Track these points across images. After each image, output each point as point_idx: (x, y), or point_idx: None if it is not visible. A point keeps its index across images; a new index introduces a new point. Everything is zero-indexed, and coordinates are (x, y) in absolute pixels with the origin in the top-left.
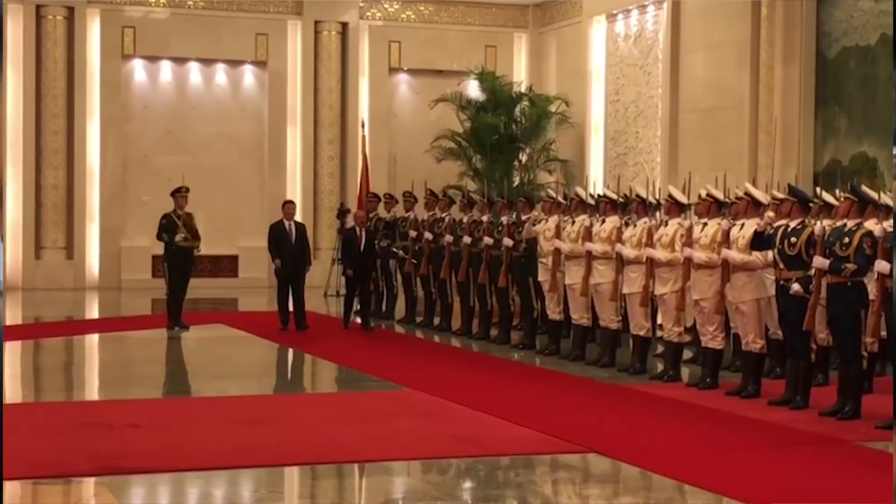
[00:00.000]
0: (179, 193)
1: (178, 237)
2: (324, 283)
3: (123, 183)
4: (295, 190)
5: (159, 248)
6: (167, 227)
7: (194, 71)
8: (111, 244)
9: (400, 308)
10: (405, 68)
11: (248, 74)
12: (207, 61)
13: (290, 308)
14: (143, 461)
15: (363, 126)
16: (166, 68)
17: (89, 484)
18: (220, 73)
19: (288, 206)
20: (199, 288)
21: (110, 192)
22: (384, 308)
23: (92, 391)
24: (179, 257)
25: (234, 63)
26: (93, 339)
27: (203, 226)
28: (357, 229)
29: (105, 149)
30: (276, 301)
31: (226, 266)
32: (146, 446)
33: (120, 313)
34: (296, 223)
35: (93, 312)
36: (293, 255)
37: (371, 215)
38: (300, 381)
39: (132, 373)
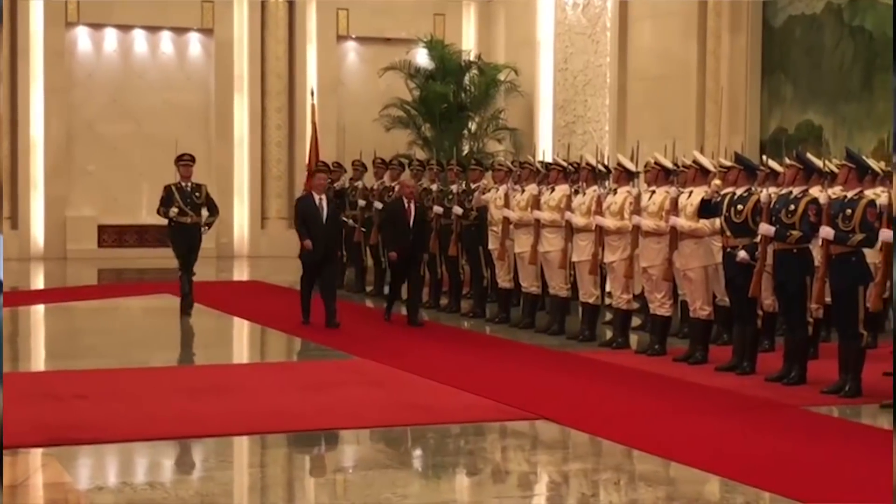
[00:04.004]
0: (181, 162)
1: (172, 211)
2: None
3: (68, 152)
4: (242, 159)
5: (106, 218)
6: (165, 199)
7: (139, 39)
8: (56, 214)
9: (349, 277)
10: (353, 36)
11: (194, 42)
12: (153, 29)
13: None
14: (91, 432)
15: (312, 95)
16: (111, 36)
17: (37, 455)
18: (166, 40)
19: (319, 176)
20: (147, 258)
21: (55, 161)
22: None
23: (38, 362)
24: (178, 234)
25: (180, 31)
26: (39, 310)
27: (149, 195)
28: (405, 201)
29: (49, 117)
30: (300, 290)
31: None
32: (94, 417)
33: (66, 284)
34: (327, 197)
35: (38, 283)
36: (324, 235)
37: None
38: (249, 350)
39: (79, 343)
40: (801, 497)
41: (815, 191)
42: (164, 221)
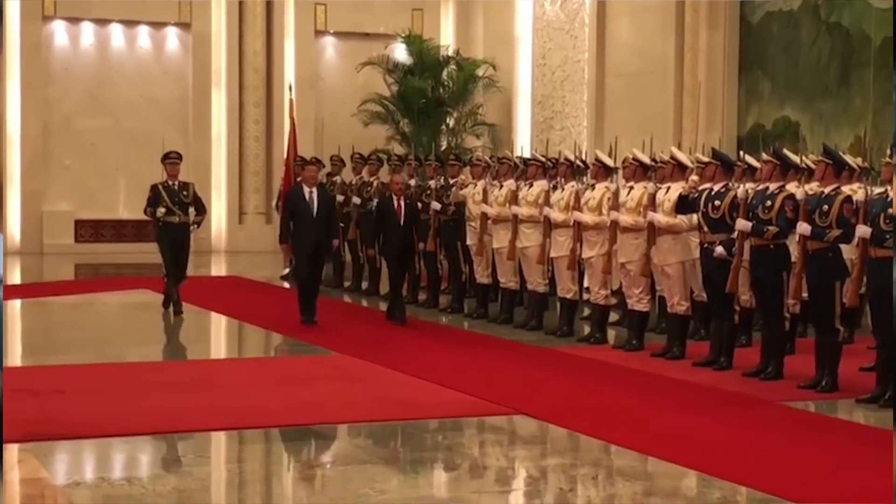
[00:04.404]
0: (168, 160)
1: (160, 211)
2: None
3: (44, 147)
4: (220, 154)
5: (83, 213)
6: (152, 199)
7: (117, 33)
8: (32, 209)
9: (327, 272)
10: (331, 31)
11: (172, 37)
12: (130, 23)
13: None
14: (68, 427)
15: (291, 90)
16: (88, 30)
17: (13, 450)
18: (143, 35)
19: (309, 168)
20: (124, 253)
21: (31, 156)
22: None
23: (15, 357)
24: (166, 234)
25: (158, 25)
26: (15, 305)
27: (126, 190)
28: (394, 198)
29: (26, 112)
30: (298, 288)
31: (150, 231)
32: (71, 412)
33: (43, 279)
34: (319, 190)
35: (14, 278)
36: (315, 229)
37: (298, 179)
38: (227, 345)
39: (56, 338)
40: (777, 491)
41: (791, 187)
42: (145, 218)
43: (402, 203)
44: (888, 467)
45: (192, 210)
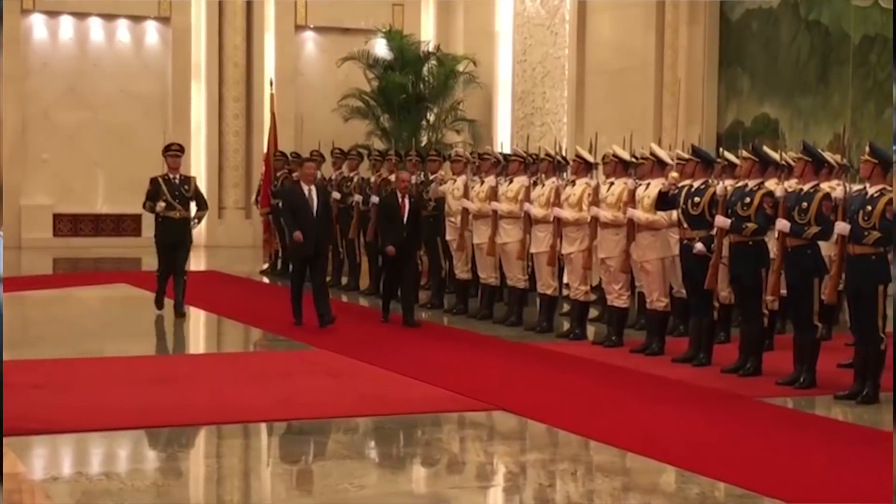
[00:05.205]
0: (169, 152)
1: (159, 206)
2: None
3: (23, 140)
4: (200, 149)
5: (61, 207)
6: (151, 192)
7: (96, 27)
8: (10, 203)
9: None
10: (312, 26)
11: (151, 31)
12: (109, 17)
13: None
14: (46, 422)
15: (271, 84)
16: (67, 24)
17: None
18: (123, 28)
19: (308, 165)
20: (102, 247)
21: (9, 149)
22: (291, 268)
23: None
24: (165, 230)
25: (137, 19)
26: None
27: (104, 184)
28: (398, 195)
29: (4, 106)
30: (291, 288)
31: (129, 225)
32: (49, 406)
33: (20, 273)
34: (317, 188)
35: None
36: (315, 229)
37: (278, 174)
38: (205, 340)
39: (34, 333)
40: (756, 488)
41: (770, 183)
42: (125, 211)
43: (407, 201)
44: (866, 463)
45: (193, 205)
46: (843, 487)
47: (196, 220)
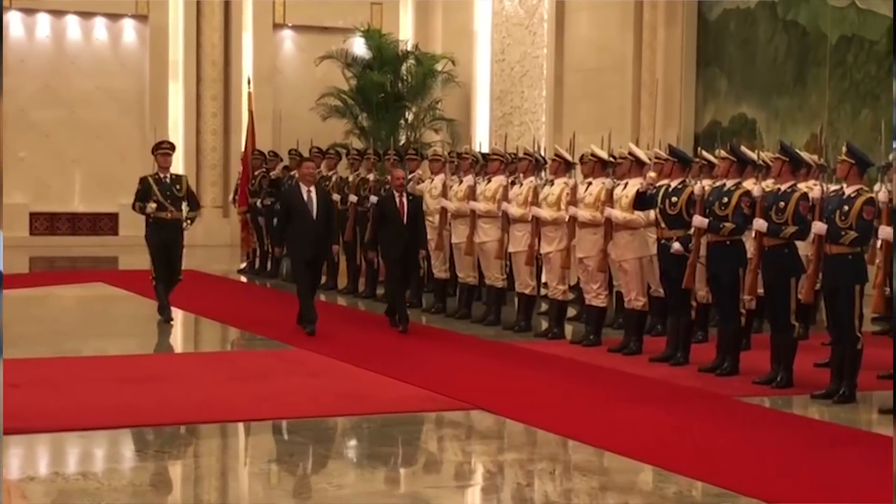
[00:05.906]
0: (160, 150)
1: (150, 206)
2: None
3: None
4: (177, 147)
5: (38, 205)
6: (141, 192)
7: (73, 24)
8: None
9: (289, 268)
10: (290, 24)
11: (129, 28)
12: (86, 14)
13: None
14: (22, 421)
15: (249, 83)
16: (43, 21)
17: None
18: (100, 26)
19: (306, 165)
20: (79, 246)
21: None
22: (269, 267)
23: None
24: (156, 231)
25: (114, 17)
26: None
27: (81, 182)
28: (395, 194)
29: None
30: (298, 293)
31: (106, 224)
32: (25, 406)
33: None
34: (317, 189)
35: None
36: (315, 232)
37: (256, 173)
38: (183, 340)
39: (10, 332)
40: (733, 486)
41: (748, 183)
42: (102, 210)
43: (405, 200)
44: (843, 462)
45: (185, 205)
46: (821, 486)
47: (189, 222)
